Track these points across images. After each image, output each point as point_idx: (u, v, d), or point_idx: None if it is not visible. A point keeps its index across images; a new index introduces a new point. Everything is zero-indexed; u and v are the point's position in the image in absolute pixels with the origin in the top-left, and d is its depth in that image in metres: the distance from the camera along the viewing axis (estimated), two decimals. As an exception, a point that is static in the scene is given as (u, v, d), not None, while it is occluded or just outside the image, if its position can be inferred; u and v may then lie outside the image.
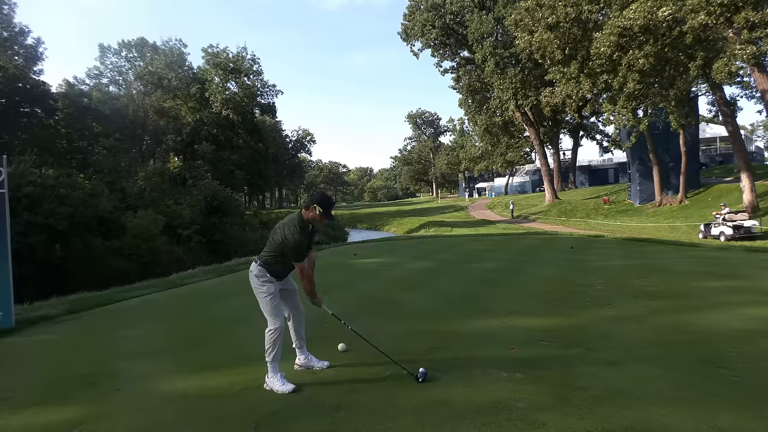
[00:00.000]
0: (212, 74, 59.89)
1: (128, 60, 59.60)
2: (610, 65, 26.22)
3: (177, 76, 56.50)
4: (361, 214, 71.08)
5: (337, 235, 39.99)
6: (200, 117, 56.01)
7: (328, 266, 11.99)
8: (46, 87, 38.73)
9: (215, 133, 56.53)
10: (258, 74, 63.06)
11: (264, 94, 65.66)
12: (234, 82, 61.13)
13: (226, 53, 60.65)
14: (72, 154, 38.24)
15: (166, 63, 56.09)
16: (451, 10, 45.95)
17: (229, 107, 57.79)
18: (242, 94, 60.11)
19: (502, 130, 55.83)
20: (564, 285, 8.17)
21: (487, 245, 15.89)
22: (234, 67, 60.22)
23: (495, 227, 37.05)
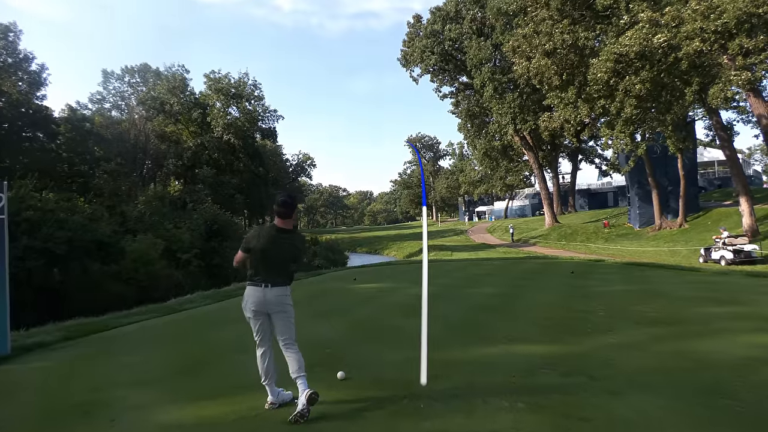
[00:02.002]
0: (214, 99, 60.57)
1: (131, 85, 60.35)
2: (607, 91, 26.53)
3: (179, 101, 57.10)
4: (360, 237, 71.04)
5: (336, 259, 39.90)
6: (201, 141, 56.40)
7: (327, 291, 11.93)
8: (48, 112, 39.10)
9: (216, 157, 56.85)
10: (259, 99, 63.78)
11: (265, 119, 66.28)
12: (235, 107, 61.78)
13: (227, 78, 61.47)
14: (73, 178, 38.38)
15: (168, 88, 56.75)
16: (450, 36, 46.70)
17: (231, 132, 58.26)
18: (243, 119, 60.70)
19: (501, 154, 56.22)
20: (565, 311, 8.11)
21: (487, 270, 15.84)
22: (236, 92, 60.95)
23: (495, 251, 36.96)
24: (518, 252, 33.50)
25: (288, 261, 4.16)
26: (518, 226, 52.12)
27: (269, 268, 4.11)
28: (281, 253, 4.12)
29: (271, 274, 4.11)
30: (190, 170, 53.79)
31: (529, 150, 49.62)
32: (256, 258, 4.13)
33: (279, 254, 4.11)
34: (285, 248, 4.12)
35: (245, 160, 60.56)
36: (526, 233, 47.78)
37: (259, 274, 4.14)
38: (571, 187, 63.18)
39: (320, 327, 7.51)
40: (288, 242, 4.13)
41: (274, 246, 4.10)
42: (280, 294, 4.11)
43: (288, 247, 4.13)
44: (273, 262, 4.10)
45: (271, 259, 4.11)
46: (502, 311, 8.30)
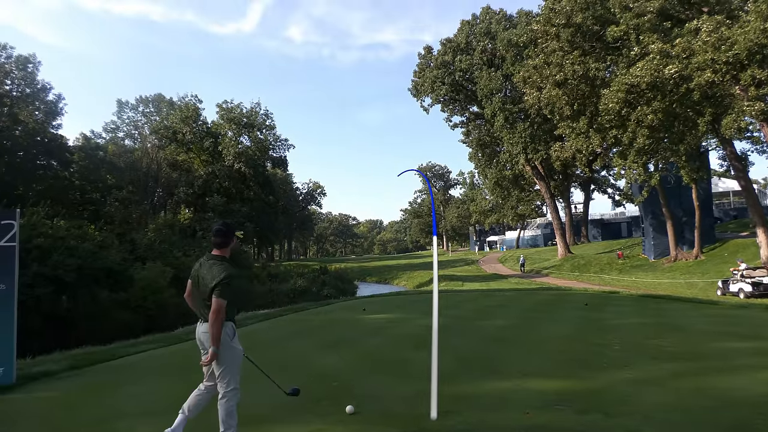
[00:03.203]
0: (226, 128, 61.65)
1: (144, 114, 61.70)
2: (619, 121, 26.63)
3: (191, 131, 58.18)
4: (370, 267, 70.82)
5: (346, 288, 39.71)
6: (212, 170, 57.16)
7: (335, 321, 11.87)
8: (63, 140, 40.01)
9: (227, 186, 57.50)
10: (270, 128, 64.84)
11: (276, 148, 67.33)
12: (247, 136, 62.82)
13: (240, 108, 62.67)
14: (84, 206, 38.97)
15: (181, 118, 57.93)
16: (461, 67, 47.39)
17: (242, 160, 59.06)
18: (255, 148, 61.63)
19: (513, 183, 56.28)
20: (579, 344, 7.99)
21: (498, 301, 15.69)
22: (247, 121, 62.05)
23: (507, 282, 36.65)
24: (530, 283, 33.18)
25: (206, 293, 3.82)
26: (530, 257, 51.72)
27: (196, 299, 3.97)
28: (202, 284, 3.86)
29: (198, 307, 3.96)
30: (201, 198, 54.37)
31: (540, 179, 49.64)
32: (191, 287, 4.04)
33: (201, 284, 3.88)
34: (204, 277, 3.85)
35: (256, 188, 61.20)
36: (538, 264, 47.39)
37: (192, 305, 4.04)
38: (583, 217, 62.85)
39: (328, 358, 7.44)
40: (207, 270, 3.86)
41: (198, 275, 3.92)
42: (206, 331, 3.84)
43: (206, 274, 3.84)
44: (198, 292, 3.92)
45: (196, 290, 3.95)
46: (514, 344, 8.18)
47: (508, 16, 46.86)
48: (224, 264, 3.85)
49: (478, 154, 55.14)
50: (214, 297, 3.71)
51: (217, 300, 3.69)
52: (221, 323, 3.73)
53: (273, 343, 9.05)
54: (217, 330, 3.69)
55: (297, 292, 34.83)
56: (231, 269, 3.83)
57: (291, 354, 7.94)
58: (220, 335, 3.72)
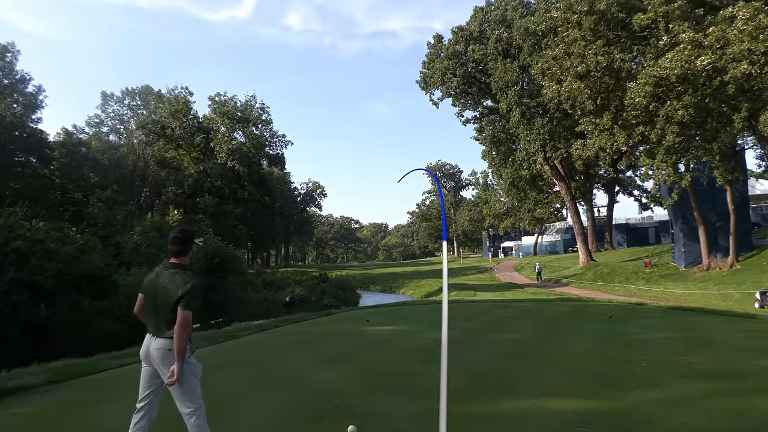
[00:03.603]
0: (218, 123, 61.89)
1: (131, 108, 62.04)
2: (647, 116, 26.53)
3: (181, 125, 58.43)
4: (374, 274, 70.82)
5: (347, 297, 39.76)
6: (204, 168, 57.36)
7: (336, 333, 11.86)
8: (43, 136, 40.24)
9: (219, 185, 57.69)
10: (267, 123, 65.05)
11: (272, 145, 67.51)
12: (241, 132, 63.03)
13: (233, 101, 62.89)
14: (65, 206, 39.20)
15: (170, 111, 58.20)
16: (473, 58, 47.38)
17: (235, 158, 59.25)
18: (249, 145, 61.81)
19: (530, 184, 56.18)
20: (603, 360, 7.95)
21: (514, 312, 15.64)
22: (242, 116, 62.27)
23: (523, 292, 36.53)
24: (549, 293, 33.03)
25: (168, 305, 3.79)
26: (549, 264, 51.56)
27: (149, 313, 3.94)
28: (161, 295, 3.84)
29: (152, 321, 3.92)
30: (191, 199, 54.58)
31: (560, 180, 49.51)
32: (144, 300, 4.01)
33: (159, 296, 3.86)
34: (166, 288, 3.83)
35: (250, 188, 61.39)
36: (557, 272, 47.23)
37: (146, 319, 4.00)
38: (607, 222, 62.64)
39: (328, 373, 7.43)
40: (168, 280, 3.85)
41: (155, 286, 3.90)
42: (161, 348, 3.82)
43: (168, 285, 3.83)
44: (153, 306, 3.90)
45: (151, 302, 3.92)
46: (531, 360, 8.15)
47: (526, 2, 46.85)
48: (187, 273, 3.90)
49: (492, 152, 55.09)
50: (179, 309, 3.74)
51: (183, 312, 3.73)
52: (188, 337, 3.77)
53: (268, 357, 9.05)
54: (183, 345, 3.71)
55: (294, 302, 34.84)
56: (195, 278, 3.87)
57: (287, 368, 7.94)
58: (185, 350, 3.75)
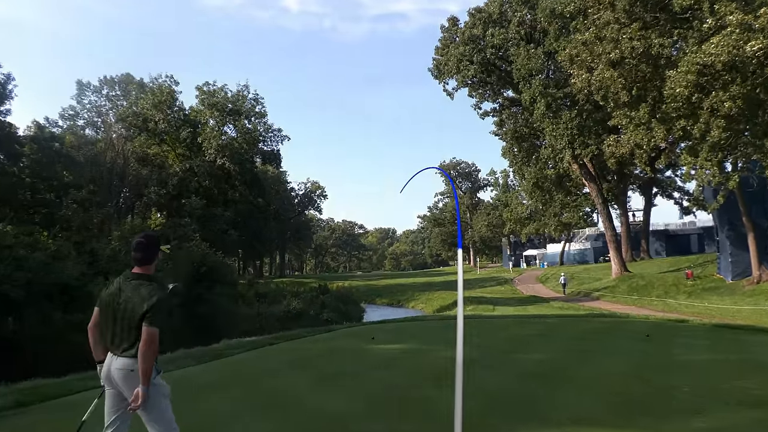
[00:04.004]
0: (207, 116, 62.18)
1: (110, 99, 62.49)
2: (689, 109, 26.40)
3: (165, 118, 58.75)
4: (380, 286, 70.81)
5: (350, 312, 39.75)
6: (190, 166, 57.62)
7: (337, 351, 11.85)
8: (12, 129, 40.48)
9: (207, 185, 57.91)
10: (261, 116, 65.31)
11: (267, 140, 67.79)
12: (232, 126, 63.29)
13: (224, 91, 63.16)
14: (36, 208, 39.39)
15: (153, 103, 58.53)
16: (493, 43, 47.35)
17: (225, 155, 59.51)
18: (241, 140, 62.03)
19: (556, 185, 55.98)
20: (639, 384, 7.90)
21: (538, 329, 15.58)
22: (233, 107, 62.54)
23: (548, 306, 36.42)
24: (578, 308, 32.90)
25: (133, 320, 3.78)
26: (577, 275, 51.38)
27: (110, 329, 3.91)
28: (123, 310, 3.84)
29: (112, 338, 3.90)
30: (176, 200, 54.78)
31: (590, 180, 49.35)
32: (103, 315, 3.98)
33: (121, 310, 3.85)
34: (128, 301, 3.83)
35: (242, 188, 61.60)
36: (587, 284, 47.04)
37: (105, 337, 3.97)
38: (643, 228, 62.34)
39: (328, 396, 7.42)
40: (131, 292, 3.85)
41: (116, 299, 3.89)
42: (123, 368, 3.81)
43: (132, 298, 3.83)
44: (114, 321, 3.88)
45: (111, 317, 3.89)
46: (558, 382, 8.11)
47: (552, -20, 46.83)
48: (152, 284, 3.90)
49: (513, 149, 55.00)
50: (144, 325, 3.72)
51: (148, 329, 3.71)
52: (154, 356, 3.74)
53: (261, 377, 9.04)
54: (148, 365, 3.69)
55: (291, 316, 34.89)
56: (161, 291, 3.88)
57: (282, 389, 7.92)
58: (151, 371, 3.73)
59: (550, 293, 47.74)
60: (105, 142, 55.03)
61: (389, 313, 41.84)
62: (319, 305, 39.20)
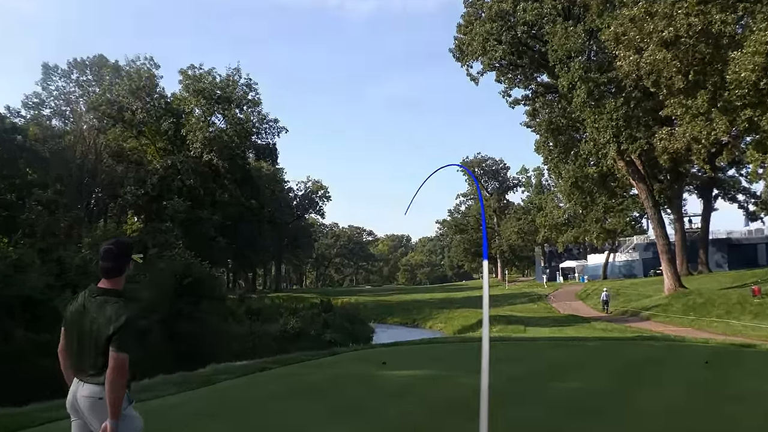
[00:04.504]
0: (192, 104, 62.42)
1: (80, 84, 62.94)
2: (756, 96, 26.25)
3: (144, 107, 59.08)
4: (392, 302, 70.75)
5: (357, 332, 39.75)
6: (172, 162, 57.85)
7: (342, 379, 11.84)
8: (-32, 120, 40.91)
9: (192, 185, 58.13)
10: (254, 105, 65.46)
11: (262, 132, 67.89)
12: (221, 115, 63.47)
13: (211, 76, 63.24)
14: (-5, 211, 39.69)
15: (130, 89, 58.85)
16: (524, 19, 47.24)
17: (213, 149, 59.65)
18: (232, 132, 62.17)
19: (599, 185, 55.72)
20: (698, 420, 7.86)
21: (577, 355, 15.54)
22: (222, 94, 62.66)
23: (589, 327, 36.23)
24: (624, 330, 32.70)
25: (99, 343, 3.74)
26: (623, 292, 51.07)
27: (74, 352, 3.90)
28: (88, 331, 3.80)
29: (78, 362, 3.88)
30: (156, 202, 55.10)
31: (639, 180, 49.07)
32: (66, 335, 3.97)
33: (85, 331, 3.82)
34: (93, 321, 3.79)
35: (232, 188, 61.78)
36: (635, 302, 46.74)
37: (70, 360, 3.97)
38: (702, 236, 61.89)
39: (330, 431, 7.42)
40: (96, 311, 3.81)
41: (80, 317, 3.87)
42: (89, 396, 3.78)
43: (96, 317, 3.79)
44: (79, 342, 3.86)
45: (74, 338, 3.90)
46: (602, 417, 8.06)
47: (594, -54, 46.74)
48: (120, 302, 3.85)
49: (548, 143, 54.80)
50: (112, 349, 3.67)
51: (116, 355, 3.65)
52: (124, 385, 3.71)
53: (251, 408, 9.05)
54: (117, 396, 3.64)
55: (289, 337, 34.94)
56: (131, 308, 3.84)
57: (277, 424, 7.94)
58: (121, 402, 3.69)
59: (591, 312, 47.46)
60: (74, 135, 55.41)
61: (403, 334, 41.76)
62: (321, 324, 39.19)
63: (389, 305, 68.31)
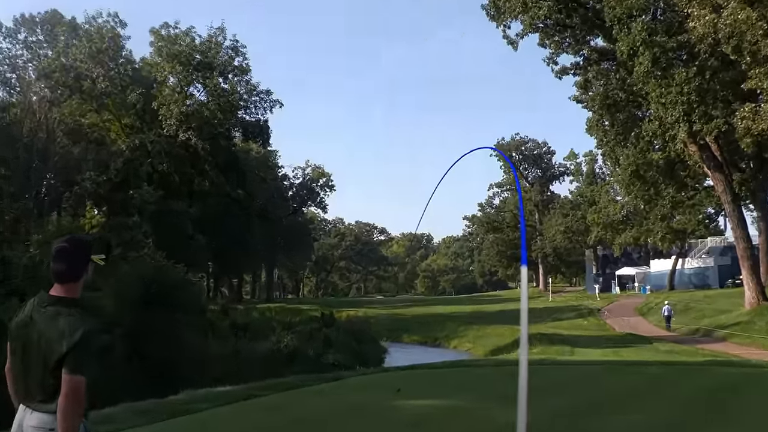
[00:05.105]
0: (166, 71, 62.48)
1: (28, 46, 63.04)
2: None
3: (106, 74, 59.12)
4: (408, 316, 70.82)
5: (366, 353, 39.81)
6: (141, 142, 58.00)
7: (348, 409, 11.89)
8: None
9: (165, 170, 58.27)
10: (242, 72, 65.48)
11: (251, 106, 67.88)
12: (201, 85, 63.52)
13: (189, 37, 63.19)
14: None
15: (89, 52, 58.85)
16: (575, -32, 47.15)
17: (191, 126, 59.70)
18: (214, 106, 62.18)
19: (665, 174, 55.52)
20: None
21: (635, 383, 15.52)
22: (202, 60, 62.68)
23: (651, 349, 36.14)
24: (695, 352, 32.58)
25: (48, 364, 3.67)
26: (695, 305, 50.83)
27: (20, 373, 3.86)
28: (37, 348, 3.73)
29: (25, 386, 3.84)
30: (120, 191, 55.28)
31: (715, 169, 48.83)
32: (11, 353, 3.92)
33: (33, 347, 3.76)
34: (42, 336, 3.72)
35: (214, 174, 61.91)
36: (708, 318, 46.60)
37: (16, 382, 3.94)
38: (793, 238, 61.55)
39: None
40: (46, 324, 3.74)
41: (27, 331, 3.82)
42: (39, 426, 3.74)
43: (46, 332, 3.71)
44: (24, 361, 3.83)
45: (20, 356, 3.83)
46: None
47: None
48: (76, 313, 3.79)
49: (603, 122, 54.66)
50: (65, 372, 3.59)
51: (70, 378, 3.58)
52: (81, 413, 3.66)
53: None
54: (71, 427, 3.58)
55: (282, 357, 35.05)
56: (90, 321, 3.76)
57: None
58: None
59: (654, 330, 47.34)
60: (21, 108, 55.61)
61: (421, 355, 41.81)
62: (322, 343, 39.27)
63: (405, 320, 68.33)
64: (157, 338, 29.04)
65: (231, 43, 64.66)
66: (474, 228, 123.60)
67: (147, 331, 28.95)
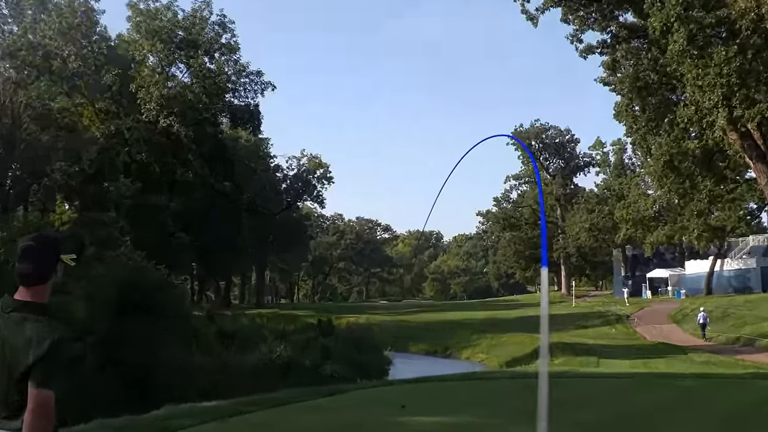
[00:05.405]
0: (145, 50, 62.46)
1: (-9, 22, 62.97)
2: None
3: (79, 53, 59.06)
4: (415, 323, 70.91)
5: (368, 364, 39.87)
6: (117, 129, 57.99)
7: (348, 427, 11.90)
8: None
9: (143, 160, 58.26)
10: (231, 51, 65.39)
11: (240, 89, 67.82)
12: (184, 65, 63.50)
13: (171, 11, 63.06)
14: None
15: (60, 28, 58.80)
16: (602, -66, 47.13)
17: (173, 111, 59.66)
18: (198, 88, 62.18)
19: (702, 165, 55.49)
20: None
21: (667, 398, 15.52)
22: (186, 37, 62.64)
23: (686, 360, 36.17)
24: (734, 364, 32.58)
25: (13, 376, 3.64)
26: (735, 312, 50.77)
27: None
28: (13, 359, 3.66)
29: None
30: (94, 183, 55.32)
31: (758, 160, 48.80)
32: None
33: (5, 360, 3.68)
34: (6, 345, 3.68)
35: (198, 165, 61.91)
36: (750, 325, 46.58)
37: None
38: None
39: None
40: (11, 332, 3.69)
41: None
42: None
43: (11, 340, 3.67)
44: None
45: None
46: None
47: None
48: (44, 320, 3.75)
49: (633, 107, 54.61)
50: (31, 385, 3.54)
51: (37, 392, 3.53)
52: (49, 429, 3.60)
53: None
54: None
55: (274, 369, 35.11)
56: (60, 329, 3.71)
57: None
58: None
59: (689, 339, 47.34)
60: (-16, 91, 55.78)
61: (429, 366, 41.86)
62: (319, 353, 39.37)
63: (412, 327, 68.39)
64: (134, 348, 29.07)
65: (218, 18, 64.46)
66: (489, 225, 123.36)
67: (123, 339, 28.99)
